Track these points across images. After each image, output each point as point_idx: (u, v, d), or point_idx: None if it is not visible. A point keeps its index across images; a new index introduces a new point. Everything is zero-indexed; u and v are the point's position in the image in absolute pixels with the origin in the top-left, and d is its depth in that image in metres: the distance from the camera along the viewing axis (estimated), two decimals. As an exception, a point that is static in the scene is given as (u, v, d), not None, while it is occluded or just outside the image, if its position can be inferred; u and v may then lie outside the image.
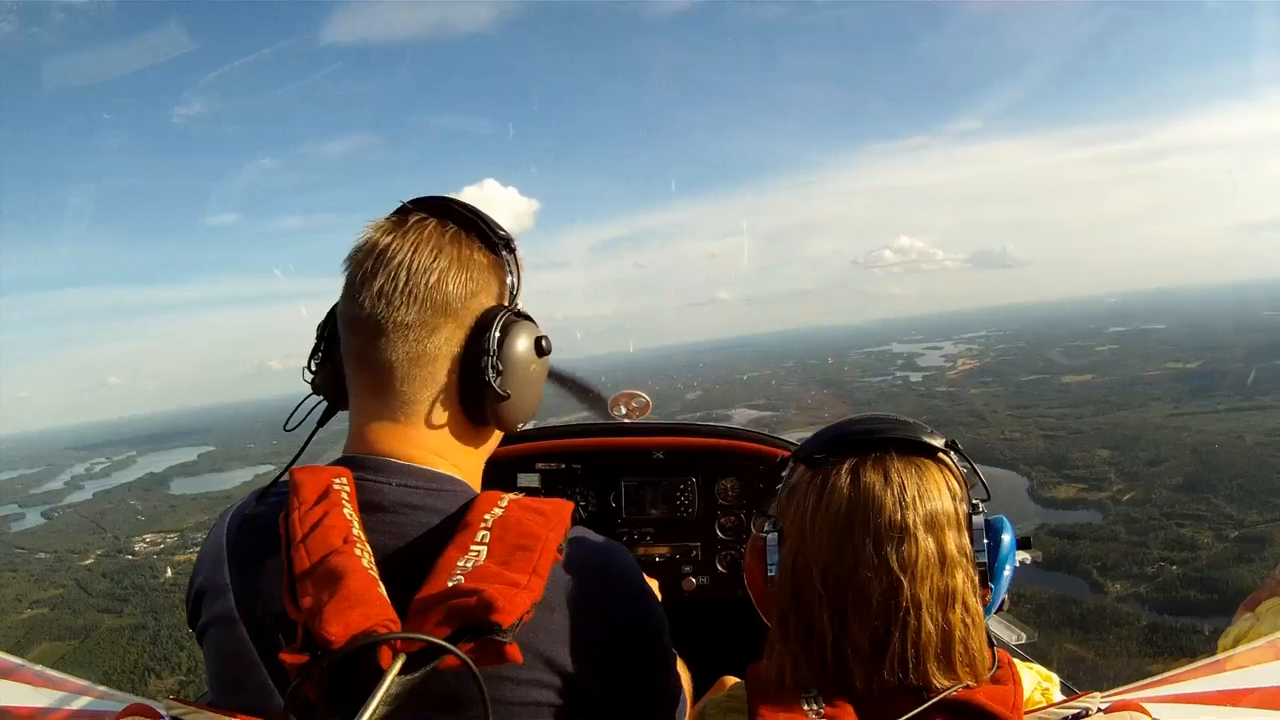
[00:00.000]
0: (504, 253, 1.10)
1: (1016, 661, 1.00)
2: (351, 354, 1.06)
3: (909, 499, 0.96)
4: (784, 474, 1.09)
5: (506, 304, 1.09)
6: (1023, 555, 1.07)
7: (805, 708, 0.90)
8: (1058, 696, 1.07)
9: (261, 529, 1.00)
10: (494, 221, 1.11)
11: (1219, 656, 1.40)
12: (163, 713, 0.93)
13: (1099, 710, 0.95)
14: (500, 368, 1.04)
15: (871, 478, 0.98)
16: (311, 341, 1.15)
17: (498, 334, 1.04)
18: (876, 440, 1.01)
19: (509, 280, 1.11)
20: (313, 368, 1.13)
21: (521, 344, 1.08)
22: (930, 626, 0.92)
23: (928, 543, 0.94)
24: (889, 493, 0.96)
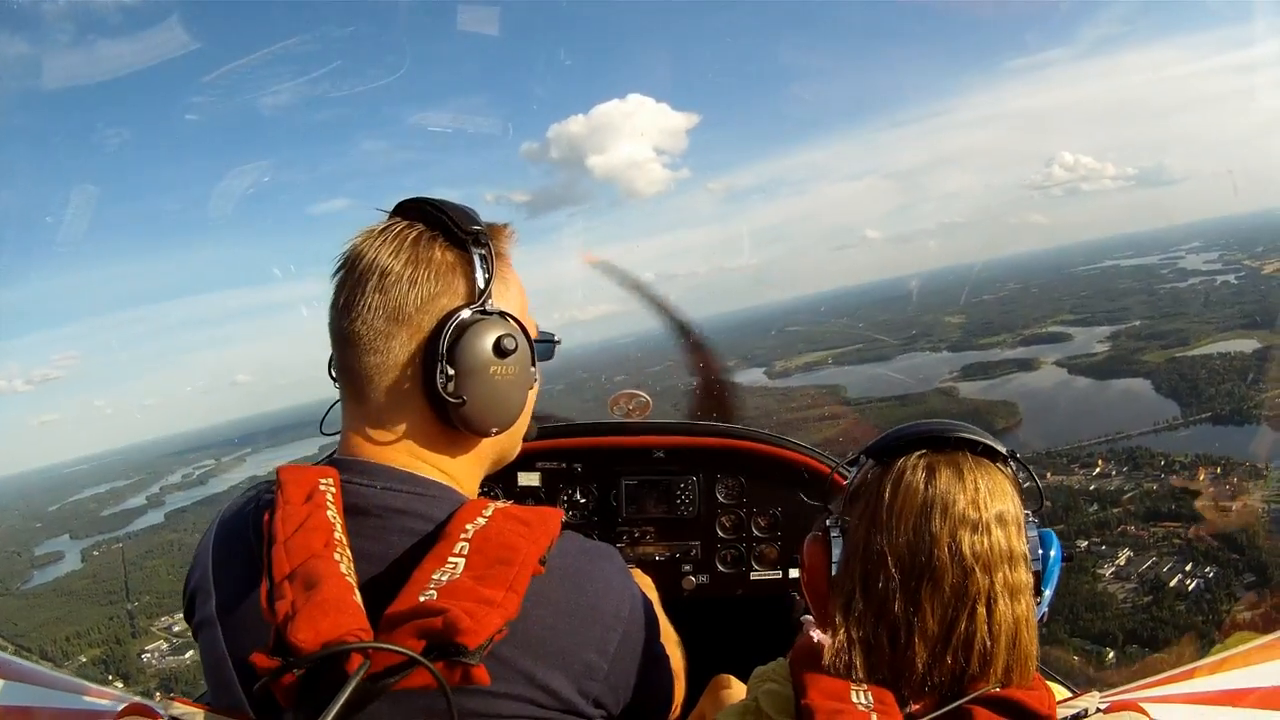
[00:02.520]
0: (473, 248, 1.06)
1: None
2: (334, 362, 1.10)
3: (981, 495, 1.00)
4: (853, 472, 1.12)
5: (475, 302, 1.05)
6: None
7: (854, 698, 0.94)
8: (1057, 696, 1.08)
9: (247, 530, 1.03)
10: (464, 215, 1.08)
11: (1218, 656, 1.39)
12: (161, 712, 0.94)
13: (1098, 710, 0.96)
14: (451, 372, 1.02)
15: (946, 472, 1.02)
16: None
17: (448, 338, 1.02)
18: (948, 439, 1.05)
19: (479, 276, 1.06)
20: (333, 373, 1.16)
21: (479, 346, 1.04)
22: (996, 617, 0.96)
23: (999, 537, 0.99)
24: (963, 487, 1.00)
